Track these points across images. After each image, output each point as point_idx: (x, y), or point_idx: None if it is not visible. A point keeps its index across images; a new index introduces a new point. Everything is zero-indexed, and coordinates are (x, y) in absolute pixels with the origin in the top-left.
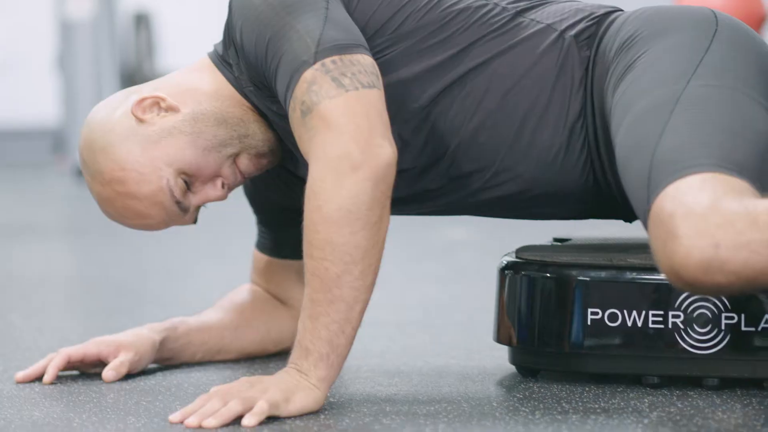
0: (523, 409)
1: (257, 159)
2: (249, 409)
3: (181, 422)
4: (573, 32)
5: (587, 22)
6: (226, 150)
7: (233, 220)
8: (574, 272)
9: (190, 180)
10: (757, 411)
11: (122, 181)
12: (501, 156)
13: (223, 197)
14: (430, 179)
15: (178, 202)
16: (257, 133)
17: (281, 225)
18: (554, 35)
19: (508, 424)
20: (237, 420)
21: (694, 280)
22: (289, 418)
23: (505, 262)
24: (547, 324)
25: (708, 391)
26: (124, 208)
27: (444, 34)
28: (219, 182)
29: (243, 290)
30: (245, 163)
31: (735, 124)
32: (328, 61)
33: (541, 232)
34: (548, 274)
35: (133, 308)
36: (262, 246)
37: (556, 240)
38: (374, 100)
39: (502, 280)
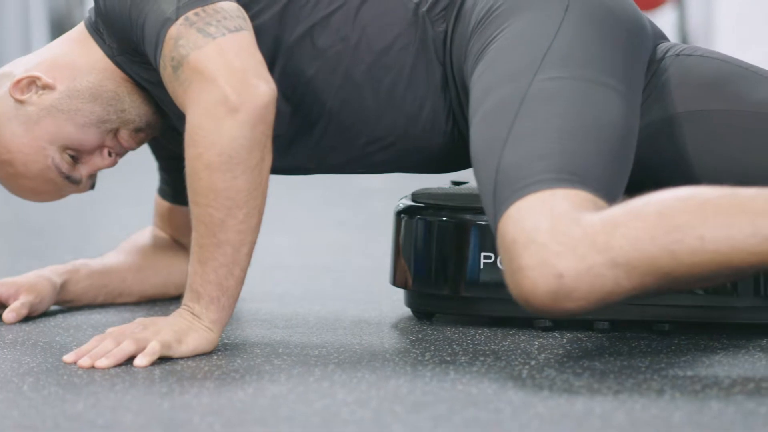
0: (414, 350)
1: (136, 134)
2: (142, 350)
3: (75, 362)
4: (426, 7)
5: None
6: (104, 126)
7: (152, 165)
8: (467, 216)
9: (76, 154)
10: (643, 353)
11: (11, 163)
12: (370, 127)
13: (113, 164)
14: (302, 147)
15: (67, 177)
16: (133, 108)
17: (179, 172)
18: (411, 12)
19: (396, 365)
20: (130, 360)
21: (544, 308)
22: (181, 359)
23: (401, 206)
24: (441, 268)
25: (599, 334)
26: (19, 188)
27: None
28: (105, 152)
29: (146, 233)
30: (125, 137)
31: (580, 123)
32: (191, 14)
33: (458, 176)
34: (442, 218)
35: (43, 250)
36: (162, 192)
37: (453, 183)
38: (244, 41)
39: (398, 223)
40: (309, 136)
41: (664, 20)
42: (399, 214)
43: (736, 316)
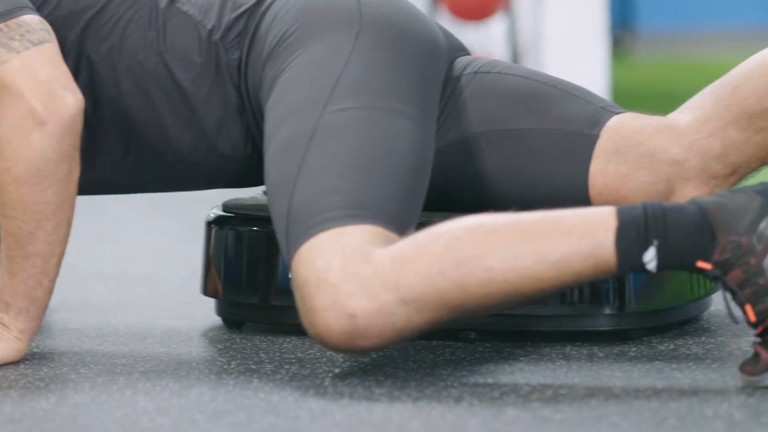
0: (221, 359)
1: None
2: None
3: None
4: (219, 34)
5: (234, 14)
6: None
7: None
8: None
9: None
10: (447, 361)
11: None
12: (172, 147)
13: None
14: (108, 162)
15: None
16: None
17: None
18: (204, 39)
19: (202, 373)
20: None
21: (340, 347)
22: None
23: (212, 216)
24: (251, 277)
25: (413, 342)
26: None
27: (105, 17)
28: None
29: None
30: None
31: (371, 155)
32: None
33: None
34: (252, 228)
35: None
36: None
37: (266, 193)
38: (48, 53)
39: (208, 233)
40: (114, 150)
41: (494, 31)
42: (209, 224)
43: (541, 324)
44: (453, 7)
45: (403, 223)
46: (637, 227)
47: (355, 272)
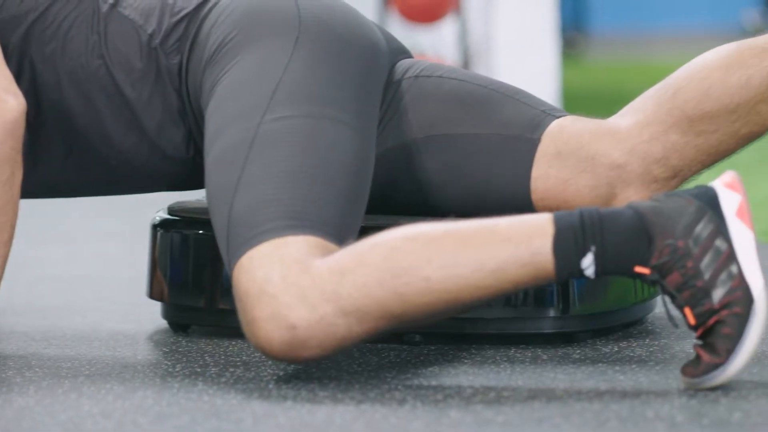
0: (166, 362)
1: None
2: None
3: None
4: (159, 39)
5: (174, 18)
6: None
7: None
8: None
9: None
10: (392, 363)
11: None
12: (115, 151)
13: None
14: (50, 165)
15: None
16: None
17: None
18: (145, 44)
19: (146, 376)
20: None
21: (282, 358)
22: None
23: (157, 219)
24: (196, 280)
25: (365, 344)
26: None
27: (47, 21)
28: None
29: None
30: None
31: (310, 164)
32: None
33: None
34: (198, 231)
35: None
36: None
37: None
38: None
39: (154, 236)
40: (57, 154)
41: (445, 33)
42: (155, 227)
43: (486, 327)
44: (404, 9)
45: (343, 232)
46: (574, 234)
47: (295, 283)
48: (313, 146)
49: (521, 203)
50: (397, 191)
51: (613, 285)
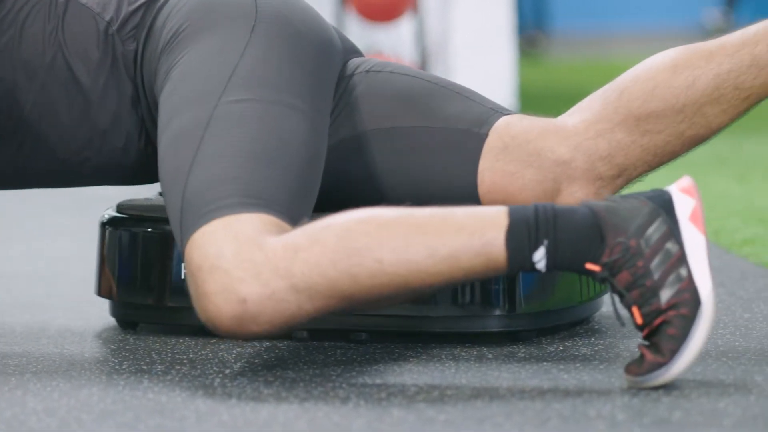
0: (113, 360)
1: None
2: None
3: None
4: (116, 26)
5: (132, 6)
6: None
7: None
8: (168, 227)
9: None
10: (338, 362)
11: None
12: (66, 142)
13: None
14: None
15: None
16: None
17: None
18: (102, 31)
19: (93, 373)
20: None
21: (230, 332)
22: None
23: (106, 217)
24: (145, 278)
25: (296, 342)
26: None
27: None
28: None
29: None
30: None
31: (265, 146)
32: None
33: None
34: (146, 229)
35: None
36: None
37: (161, 194)
38: None
39: (102, 234)
40: (8, 144)
41: (402, 32)
42: (103, 225)
43: (433, 325)
44: (361, 8)
45: (296, 214)
46: (528, 227)
47: (248, 259)
48: (268, 129)
49: (468, 195)
50: (349, 181)
51: (560, 284)
